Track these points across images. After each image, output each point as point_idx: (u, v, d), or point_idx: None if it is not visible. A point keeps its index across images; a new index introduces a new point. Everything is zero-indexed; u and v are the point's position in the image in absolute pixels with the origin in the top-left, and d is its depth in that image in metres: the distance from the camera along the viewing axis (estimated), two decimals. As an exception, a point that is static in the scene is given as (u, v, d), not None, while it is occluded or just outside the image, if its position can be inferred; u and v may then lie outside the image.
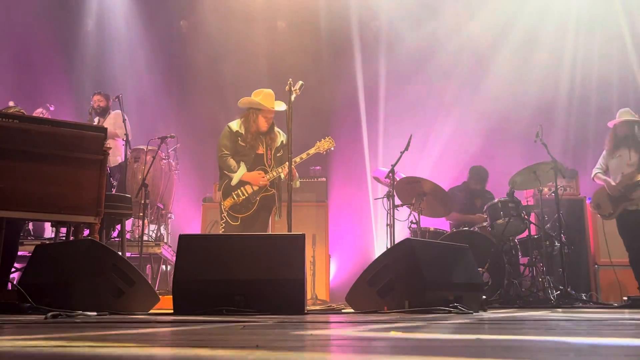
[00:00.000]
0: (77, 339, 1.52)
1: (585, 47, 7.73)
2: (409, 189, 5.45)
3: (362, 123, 7.96)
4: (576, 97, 7.77)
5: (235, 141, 4.71)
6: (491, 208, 5.29)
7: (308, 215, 6.30)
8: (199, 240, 3.41)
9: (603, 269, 6.20)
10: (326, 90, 7.75)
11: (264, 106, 4.63)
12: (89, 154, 3.52)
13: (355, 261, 6.88)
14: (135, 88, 7.88)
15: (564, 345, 1.36)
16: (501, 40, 7.98)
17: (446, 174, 7.04)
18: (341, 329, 2.02)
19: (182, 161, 6.91)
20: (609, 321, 2.42)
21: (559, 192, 5.06)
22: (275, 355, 1.16)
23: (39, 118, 3.68)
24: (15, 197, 3.30)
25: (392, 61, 8.05)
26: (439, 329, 1.91)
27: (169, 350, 1.31)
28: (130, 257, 5.28)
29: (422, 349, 1.30)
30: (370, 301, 3.30)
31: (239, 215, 4.64)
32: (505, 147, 7.59)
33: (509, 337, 1.58)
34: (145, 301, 3.33)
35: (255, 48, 8.12)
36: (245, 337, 1.58)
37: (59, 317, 2.45)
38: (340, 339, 1.60)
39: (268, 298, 3.04)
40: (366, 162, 7.80)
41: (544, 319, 2.70)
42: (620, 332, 1.83)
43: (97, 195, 3.53)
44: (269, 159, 4.71)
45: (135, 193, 5.51)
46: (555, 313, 3.54)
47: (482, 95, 7.97)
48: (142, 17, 8.06)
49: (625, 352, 1.24)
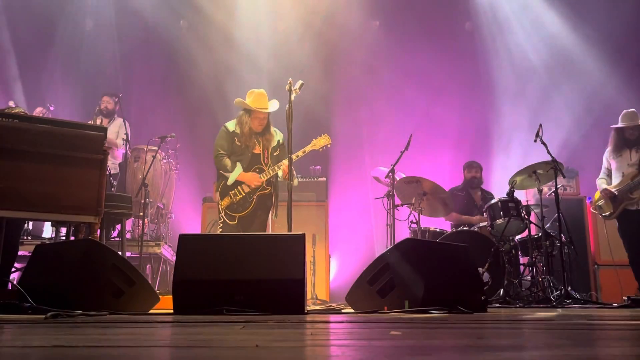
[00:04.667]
0: (77, 339, 1.51)
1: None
2: (409, 188, 5.45)
3: (362, 123, 7.96)
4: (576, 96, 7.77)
5: (231, 141, 4.72)
6: (491, 208, 5.29)
7: (308, 215, 6.29)
8: (199, 240, 3.41)
9: (603, 269, 6.21)
10: (326, 90, 7.75)
11: (253, 108, 4.67)
12: (89, 153, 3.52)
13: (355, 261, 6.88)
14: (135, 88, 7.89)
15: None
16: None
17: (446, 173, 7.05)
18: (341, 329, 2.02)
19: (182, 161, 6.91)
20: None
21: (559, 192, 5.06)
22: (275, 355, 1.16)
23: (39, 118, 3.67)
24: (15, 197, 3.30)
25: (392, 61, 8.06)
26: (439, 329, 1.91)
27: (168, 350, 1.31)
28: (130, 257, 5.28)
29: (421, 349, 1.30)
30: (370, 301, 3.30)
31: (236, 214, 4.64)
32: (506, 147, 7.60)
33: (509, 337, 1.58)
34: (145, 301, 3.33)
35: (255, 48, 8.12)
36: (245, 337, 1.58)
37: (59, 317, 2.45)
38: (340, 339, 1.60)
39: (268, 298, 3.04)
40: (366, 162, 7.80)
41: (544, 319, 2.70)
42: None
43: (97, 195, 3.52)
44: (265, 158, 4.72)
45: (135, 193, 5.52)
46: (556, 313, 3.54)
47: (482, 95, 7.98)
48: (142, 17, 8.05)
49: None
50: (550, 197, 5.22)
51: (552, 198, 5.07)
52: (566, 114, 7.59)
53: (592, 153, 6.50)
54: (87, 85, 7.78)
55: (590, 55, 7.60)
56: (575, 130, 7.52)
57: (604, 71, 7.51)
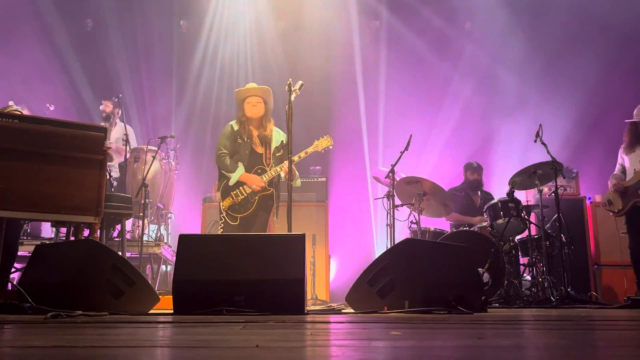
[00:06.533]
0: (77, 339, 1.51)
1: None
2: (409, 189, 5.45)
3: (362, 123, 7.96)
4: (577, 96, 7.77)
5: (234, 140, 4.71)
6: (491, 208, 5.29)
7: (308, 215, 6.29)
8: (199, 240, 3.40)
9: (603, 269, 6.21)
10: (326, 90, 7.76)
11: (242, 90, 4.81)
12: (89, 153, 3.52)
13: (355, 261, 6.88)
14: (135, 88, 7.89)
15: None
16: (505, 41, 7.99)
17: (446, 174, 7.05)
18: (341, 329, 2.02)
19: (182, 161, 6.91)
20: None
21: (559, 192, 5.05)
22: (275, 355, 1.16)
23: (39, 118, 3.67)
24: (15, 197, 3.30)
25: (393, 61, 8.06)
26: (439, 330, 1.91)
27: (168, 351, 1.31)
28: (130, 257, 5.28)
29: (421, 349, 1.30)
30: (370, 301, 3.30)
31: (237, 215, 4.63)
32: (505, 147, 7.60)
33: (509, 337, 1.58)
34: (145, 301, 3.32)
35: (255, 48, 8.13)
36: (245, 337, 1.58)
37: (59, 317, 2.45)
38: (340, 339, 1.60)
39: (268, 298, 3.04)
40: (366, 162, 7.80)
41: (544, 319, 2.70)
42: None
43: (97, 195, 3.52)
44: (267, 158, 4.70)
45: (135, 193, 5.51)
46: (556, 313, 3.54)
47: (482, 95, 7.98)
48: (142, 17, 8.06)
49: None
50: (550, 197, 5.22)
51: (552, 198, 5.07)
52: (566, 114, 7.59)
53: (592, 153, 6.51)
54: (88, 86, 7.78)
55: (590, 55, 7.60)
56: (575, 130, 7.52)
57: (604, 71, 7.51)
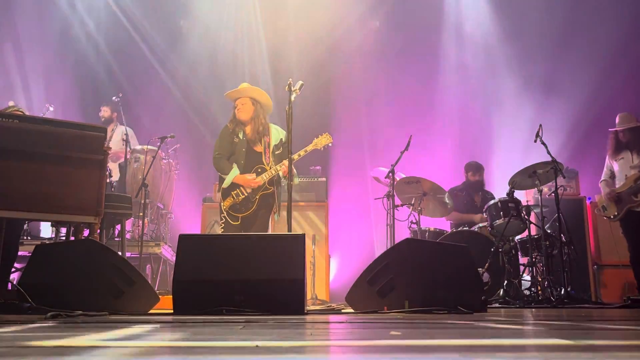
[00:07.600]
0: (77, 339, 1.52)
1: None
2: (409, 189, 5.45)
3: (362, 123, 7.96)
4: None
5: (231, 140, 4.71)
6: (491, 208, 5.29)
7: (308, 215, 6.30)
8: (199, 240, 3.40)
9: (603, 269, 6.21)
10: (326, 90, 7.76)
11: (229, 96, 4.82)
12: (89, 153, 3.52)
13: (355, 261, 6.88)
14: (135, 88, 7.89)
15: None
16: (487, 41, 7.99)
17: (446, 174, 7.04)
18: (341, 329, 2.02)
19: (182, 161, 6.91)
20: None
21: (559, 192, 5.06)
22: (275, 355, 1.16)
23: (39, 118, 3.67)
24: (15, 197, 3.30)
25: (393, 61, 8.06)
26: (439, 330, 1.91)
27: (169, 350, 1.31)
28: (130, 257, 5.28)
29: (421, 349, 1.30)
30: (370, 301, 3.30)
31: (239, 214, 4.62)
32: (506, 147, 7.60)
33: (509, 337, 1.58)
34: (145, 301, 3.32)
35: (256, 48, 8.12)
36: (245, 337, 1.58)
37: (59, 317, 2.45)
38: (340, 339, 1.60)
39: (268, 298, 3.04)
40: (366, 162, 7.80)
41: (543, 319, 2.70)
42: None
43: (97, 195, 3.52)
44: (267, 157, 4.70)
45: (135, 193, 5.51)
46: (556, 313, 3.54)
47: (482, 95, 7.98)
48: (142, 17, 8.06)
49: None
50: (550, 197, 5.21)
51: (552, 198, 5.07)
52: (566, 114, 7.59)
53: (592, 153, 6.50)
54: (87, 86, 7.78)
55: (590, 55, 7.60)
56: (575, 131, 7.52)
57: (604, 71, 7.51)
